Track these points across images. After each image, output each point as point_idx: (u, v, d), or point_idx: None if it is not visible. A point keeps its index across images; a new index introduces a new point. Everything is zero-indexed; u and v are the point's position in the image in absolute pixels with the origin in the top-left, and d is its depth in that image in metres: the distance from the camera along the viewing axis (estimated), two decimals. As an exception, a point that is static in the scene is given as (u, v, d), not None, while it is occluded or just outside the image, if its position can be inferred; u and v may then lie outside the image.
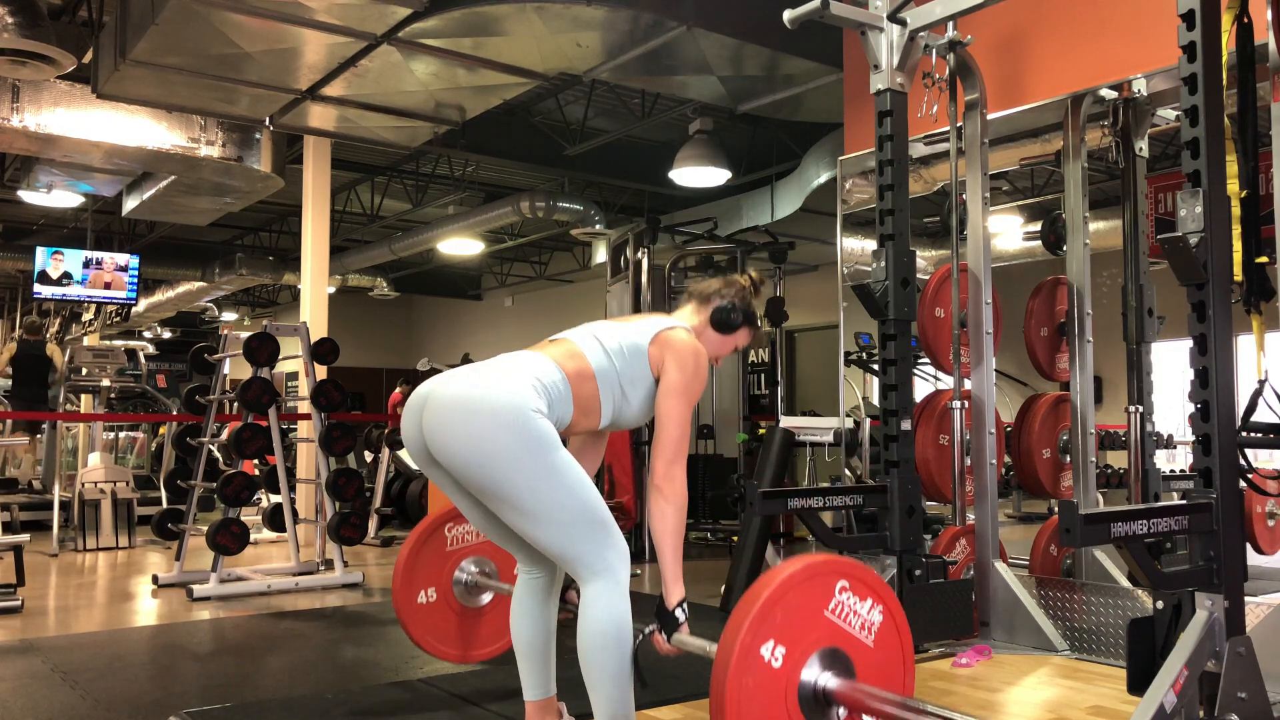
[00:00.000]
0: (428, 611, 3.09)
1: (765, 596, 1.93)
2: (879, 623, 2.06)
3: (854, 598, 2.04)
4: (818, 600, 2.00)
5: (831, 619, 2.01)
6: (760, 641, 1.92)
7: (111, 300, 11.10)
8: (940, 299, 4.16)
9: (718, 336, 2.60)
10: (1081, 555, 4.08)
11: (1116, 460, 5.85)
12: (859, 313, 3.94)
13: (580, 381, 2.36)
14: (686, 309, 2.64)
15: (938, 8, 3.59)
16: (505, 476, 2.20)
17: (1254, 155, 2.94)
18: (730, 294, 2.60)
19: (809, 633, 1.98)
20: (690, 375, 2.39)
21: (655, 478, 2.31)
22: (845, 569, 2.04)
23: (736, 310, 2.59)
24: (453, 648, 3.14)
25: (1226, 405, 2.42)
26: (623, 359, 2.40)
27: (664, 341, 2.42)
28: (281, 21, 5.28)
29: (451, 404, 2.24)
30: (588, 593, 2.26)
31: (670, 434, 2.34)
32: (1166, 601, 2.41)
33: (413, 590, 3.07)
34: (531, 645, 2.52)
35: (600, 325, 2.51)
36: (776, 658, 1.93)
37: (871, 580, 2.07)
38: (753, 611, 1.92)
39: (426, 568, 3.10)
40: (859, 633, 2.04)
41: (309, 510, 7.49)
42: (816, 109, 6.66)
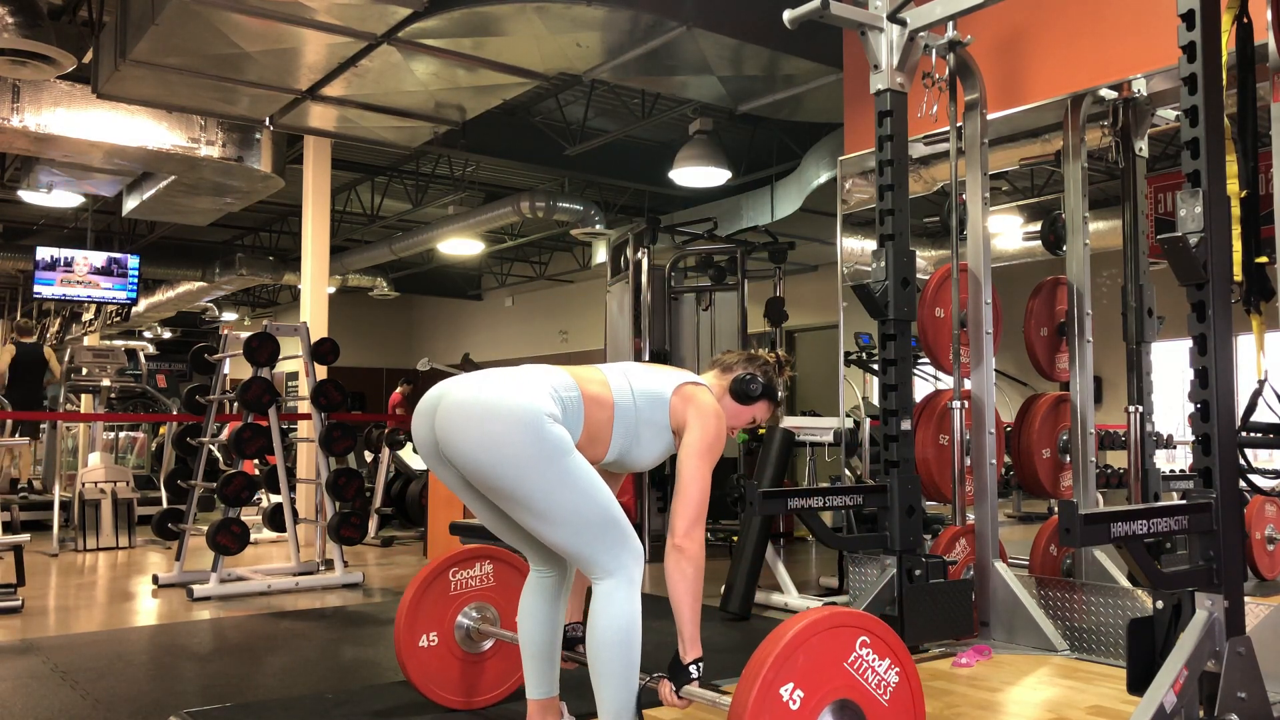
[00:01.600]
0: (429, 655, 3.07)
1: (789, 638, 1.95)
2: (895, 684, 2.07)
3: (874, 655, 2.05)
4: (839, 651, 2.02)
5: (850, 672, 2.03)
6: (781, 682, 1.94)
7: (111, 300, 11.11)
8: (940, 299, 4.16)
9: (735, 406, 2.62)
10: (1081, 555, 4.08)
11: (1116, 460, 5.85)
12: (859, 313, 3.94)
13: (595, 406, 2.37)
14: (709, 374, 2.67)
15: (938, 8, 3.59)
16: (519, 478, 2.20)
17: (1254, 155, 2.95)
18: (753, 368, 2.64)
19: (827, 681, 2.00)
20: (713, 436, 2.41)
21: (676, 537, 2.31)
22: (868, 625, 2.06)
23: (757, 383, 2.61)
24: (454, 694, 3.11)
25: (1226, 405, 2.42)
26: (645, 399, 2.43)
27: (688, 396, 2.45)
28: (281, 21, 5.28)
29: (466, 406, 2.25)
30: (600, 590, 2.27)
31: (692, 495, 2.35)
32: (1166, 601, 2.41)
33: (415, 635, 3.05)
34: (538, 645, 2.52)
35: (631, 365, 2.54)
36: (794, 700, 1.95)
37: (892, 641, 2.09)
38: (776, 650, 1.94)
39: (430, 611, 3.07)
40: (875, 690, 2.05)
41: (309, 510, 7.48)
42: (816, 109, 6.66)
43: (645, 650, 2.33)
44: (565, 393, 2.32)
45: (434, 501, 6.91)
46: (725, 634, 4.35)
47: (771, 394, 2.65)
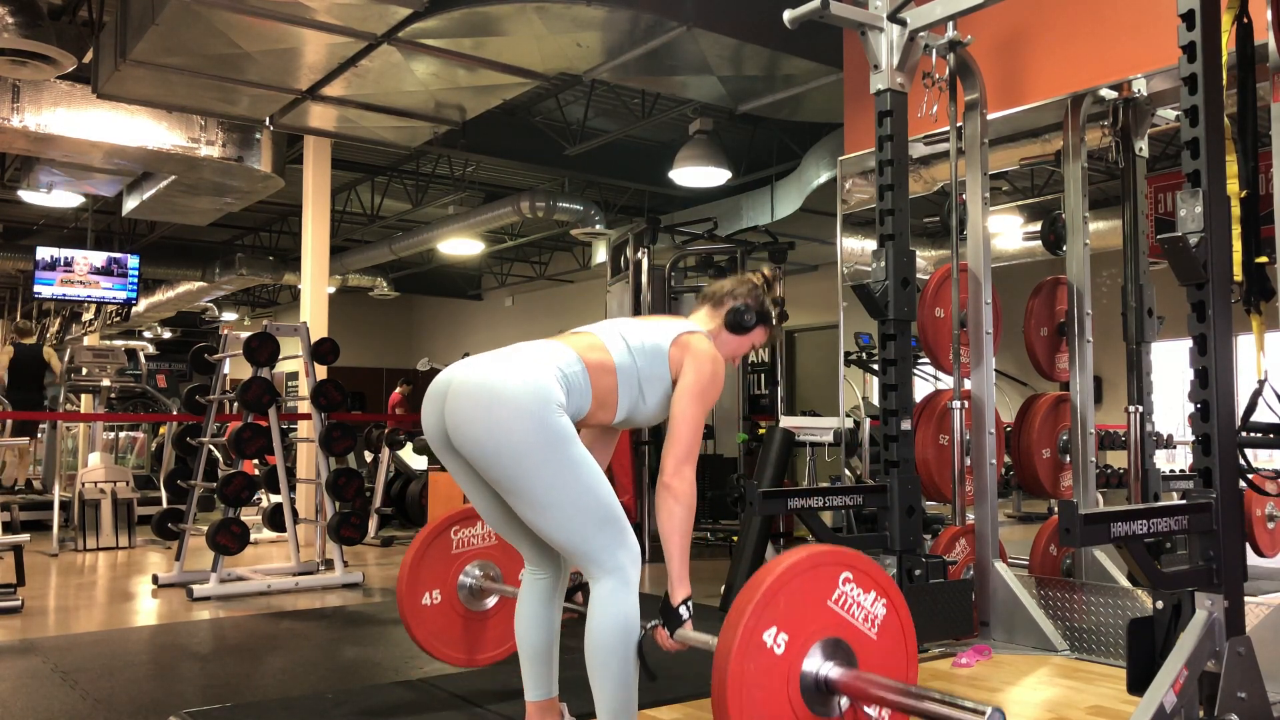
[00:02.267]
0: (432, 614, 3.08)
1: (769, 583, 1.93)
2: (882, 616, 2.06)
3: (857, 589, 2.03)
4: (821, 590, 2.00)
5: (835, 609, 2.01)
6: (763, 627, 1.92)
7: (111, 300, 11.11)
8: (940, 299, 4.15)
9: (733, 338, 2.61)
10: (1081, 555, 4.08)
11: (1116, 460, 5.84)
12: (859, 313, 3.94)
13: (600, 374, 2.37)
14: (701, 312, 2.65)
15: (938, 8, 3.59)
16: (522, 468, 2.21)
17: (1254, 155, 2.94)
18: (743, 294, 2.61)
19: (812, 622, 1.98)
20: (707, 380, 2.41)
21: (665, 476, 2.31)
22: (849, 560, 2.04)
23: (749, 310, 2.59)
24: (458, 651, 3.12)
25: (1226, 405, 2.42)
26: (644, 357, 2.42)
27: (684, 345, 2.43)
28: (281, 21, 5.28)
29: (474, 392, 2.25)
30: (598, 591, 2.26)
31: (683, 434, 2.35)
32: (1166, 601, 2.41)
33: (417, 592, 3.06)
34: (535, 646, 2.52)
35: (624, 322, 2.52)
36: (779, 644, 1.93)
37: (875, 573, 2.07)
38: (756, 597, 1.92)
39: (432, 569, 3.09)
40: (862, 625, 2.04)
41: (309, 510, 7.49)
42: (816, 109, 6.66)
43: (645, 650, 2.32)
44: (570, 369, 2.32)
45: (434, 501, 6.92)
46: (725, 634, 4.35)
47: (766, 318, 2.63)
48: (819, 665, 1.98)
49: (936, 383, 4.80)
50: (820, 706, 1.99)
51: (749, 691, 1.90)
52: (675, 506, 2.29)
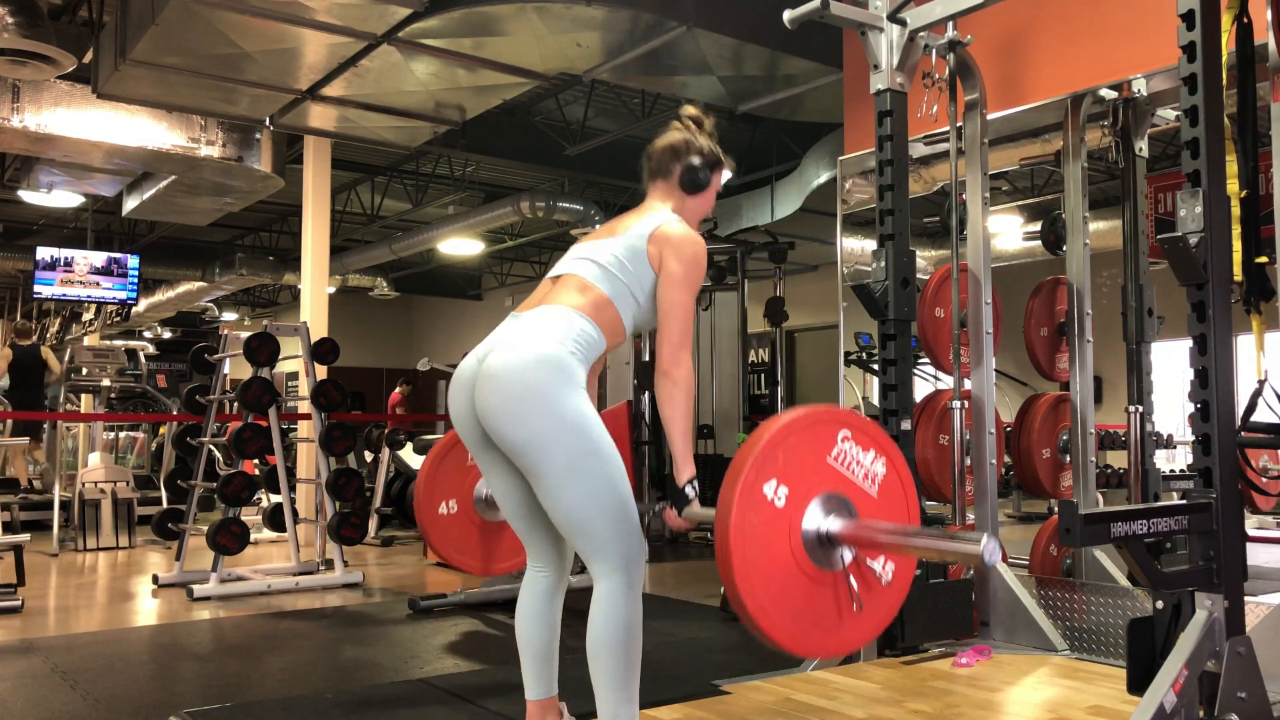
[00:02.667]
0: (449, 522, 3.14)
1: (767, 438, 1.95)
2: (882, 474, 2.07)
3: (857, 448, 2.04)
4: (820, 447, 2.01)
5: (834, 466, 2.02)
6: (763, 480, 1.93)
7: (111, 300, 11.11)
8: (940, 299, 4.15)
9: (696, 200, 2.56)
10: (1081, 555, 4.08)
11: (1116, 460, 5.85)
12: (859, 313, 3.94)
13: (601, 313, 2.37)
14: (656, 194, 2.58)
15: (938, 8, 3.59)
16: (548, 458, 2.22)
17: (1254, 155, 2.94)
18: (685, 150, 2.55)
19: (811, 477, 1.99)
20: (690, 264, 2.38)
21: (662, 364, 2.31)
22: (847, 419, 2.05)
23: (702, 165, 2.53)
24: (474, 559, 3.18)
25: (1226, 405, 2.42)
26: (624, 269, 2.40)
27: (661, 238, 2.40)
28: (281, 21, 5.28)
29: (500, 381, 2.25)
30: (601, 589, 2.26)
31: (675, 324, 2.35)
32: (1166, 601, 2.41)
33: (434, 502, 3.12)
34: (536, 645, 2.52)
35: (590, 245, 2.47)
36: (779, 497, 1.95)
37: (874, 432, 2.07)
38: (755, 452, 1.93)
39: (447, 480, 3.14)
40: (862, 482, 2.05)
41: (309, 510, 7.49)
42: (816, 109, 6.67)
43: (646, 650, 2.33)
44: (584, 334, 2.32)
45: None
46: (725, 634, 4.35)
47: (717, 162, 2.57)
48: (820, 518, 1.99)
49: (936, 383, 4.80)
50: (823, 560, 2.00)
51: (751, 544, 1.91)
52: (675, 391, 2.28)
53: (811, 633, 2.03)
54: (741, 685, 3.13)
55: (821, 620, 2.04)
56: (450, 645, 4.31)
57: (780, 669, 3.35)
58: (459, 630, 4.61)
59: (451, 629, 4.63)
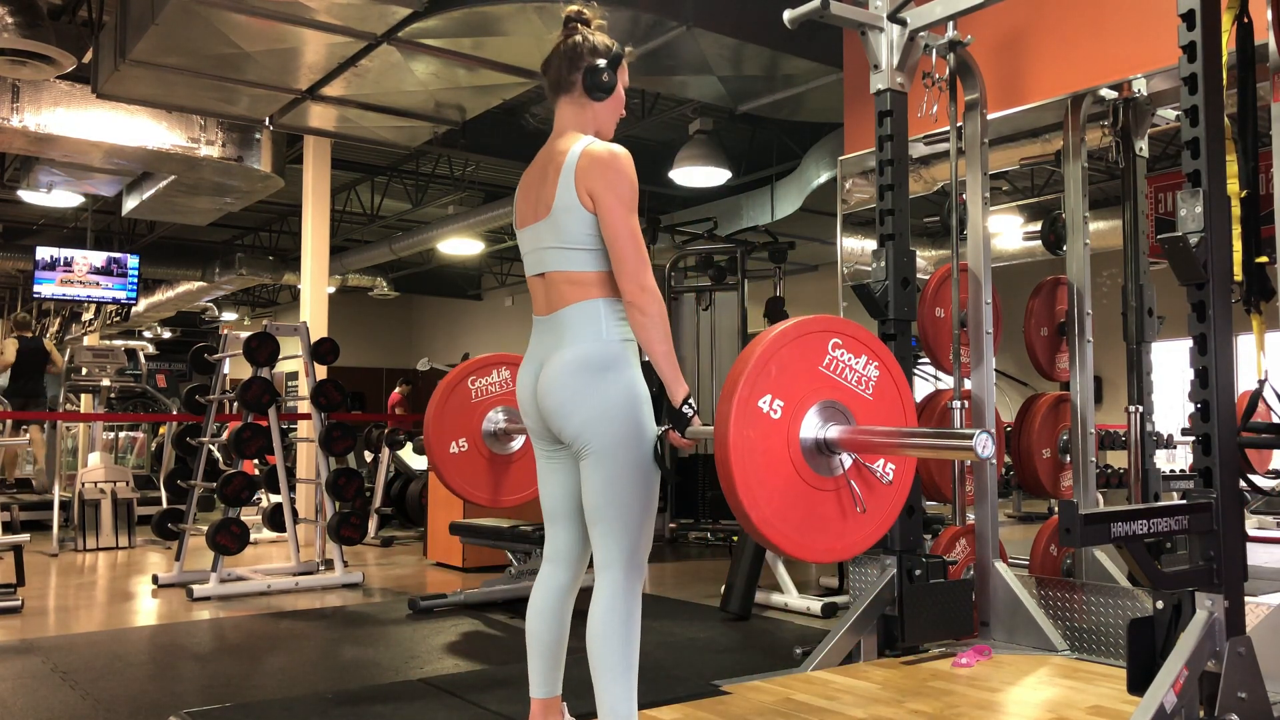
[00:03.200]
0: (459, 460, 3.21)
1: (758, 354, 1.98)
2: (875, 377, 2.10)
3: (848, 354, 2.08)
4: (811, 357, 2.05)
5: (827, 374, 2.06)
6: (758, 395, 1.96)
7: (111, 300, 11.11)
8: (940, 299, 4.15)
9: (608, 103, 2.41)
10: (1081, 555, 4.08)
11: (1116, 460, 5.85)
12: (859, 313, 3.93)
13: (605, 285, 2.32)
14: (565, 113, 2.39)
15: (938, 8, 3.59)
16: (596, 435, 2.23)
17: (1254, 155, 2.95)
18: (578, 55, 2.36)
19: (805, 387, 2.03)
20: (622, 187, 2.28)
21: (628, 296, 2.23)
22: (837, 326, 2.08)
23: (600, 67, 2.33)
24: (484, 491, 3.25)
25: (1226, 405, 2.42)
26: (582, 235, 2.31)
27: (584, 174, 2.28)
28: (281, 21, 5.28)
29: (559, 379, 2.27)
30: (603, 581, 2.26)
31: (628, 250, 2.26)
32: (1166, 601, 2.41)
33: (445, 441, 3.18)
34: (545, 641, 2.51)
35: (541, 230, 2.36)
36: (775, 410, 1.98)
37: (864, 336, 2.10)
38: (746, 369, 1.97)
39: (455, 419, 3.21)
40: (856, 387, 2.08)
41: (309, 510, 7.49)
42: (816, 109, 6.66)
43: (646, 650, 2.33)
44: (608, 312, 2.30)
45: (434, 501, 6.92)
46: (725, 634, 4.35)
47: (616, 58, 2.36)
48: (817, 427, 2.03)
49: (936, 383, 4.80)
50: (824, 467, 2.04)
51: (751, 458, 1.95)
52: (646, 319, 2.22)
53: (818, 538, 2.08)
54: (741, 685, 3.13)
55: (827, 525, 2.09)
56: (450, 645, 4.31)
57: (780, 669, 3.35)
58: (459, 630, 4.61)
59: (451, 629, 4.63)
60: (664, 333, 2.25)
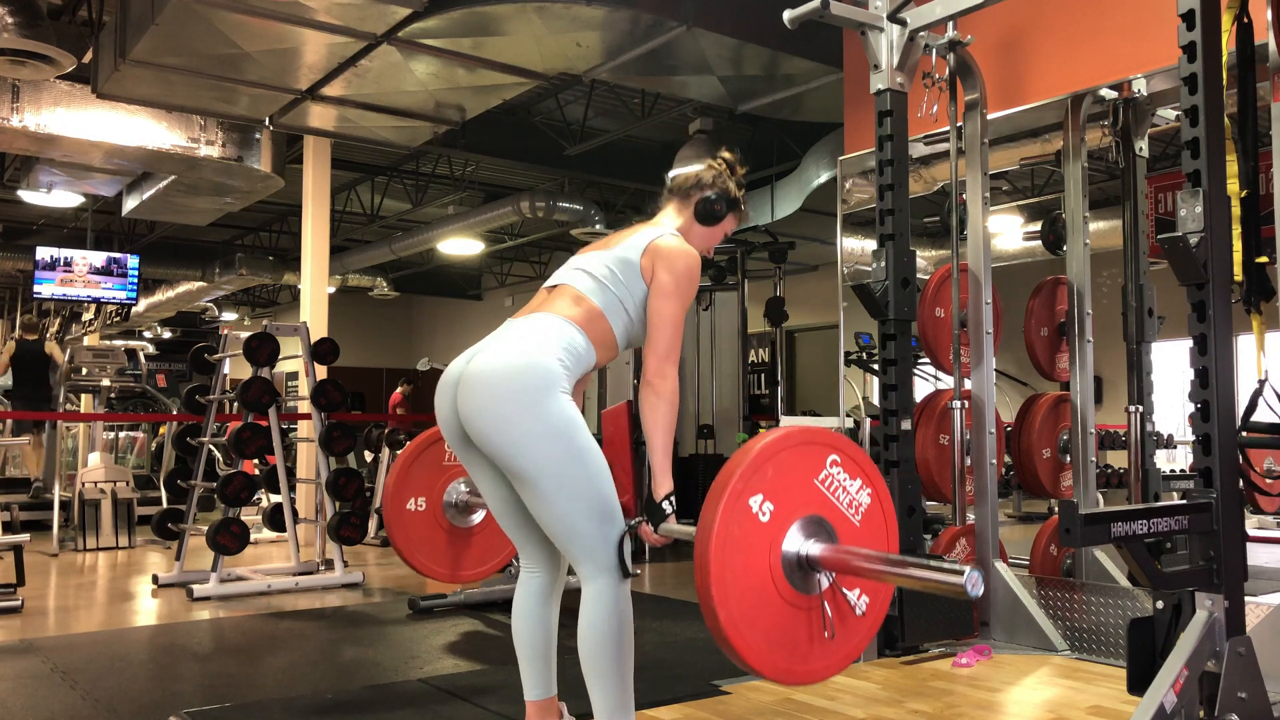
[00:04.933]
0: (414, 519, 3.07)
1: (758, 451, 1.93)
2: (866, 504, 2.06)
3: (844, 474, 2.04)
4: (809, 468, 2.00)
5: (820, 489, 2.01)
6: (750, 492, 1.92)
7: (111, 300, 11.11)
8: (940, 299, 4.15)
9: (705, 230, 2.59)
10: (1081, 555, 4.08)
11: (1116, 460, 5.85)
12: (859, 313, 3.94)
13: (593, 325, 2.37)
14: (669, 209, 2.62)
15: (938, 8, 3.59)
16: (530, 459, 2.22)
17: (1254, 155, 2.94)
18: (709, 183, 2.58)
19: (797, 496, 1.98)
20: (681, 276, 2.39)
21: (648, 374, 2.31)
22: (838, 444, 2.04)
23: (719, 199, 2.57)
24: (439, 565, 3.13)
25: (1226, 405, 2.42)
26: (617, 282, 2.41)
27: (654, 251, 2.42)
28: (281, 21, 5.28)
29: (483, 385, 2.26)
30: (590, 590, 2.26)
31: (664, 333, 2.35)
32: (1166, 601, 2.41)
33: (403, 495, 3.06)
34: (533, 645, 2.52)
35: (586, 257, 2.49)
36: (764, 512, 1.93)
37: (862, 460, 2.07)
38: (745, 461, 1.92)
39: (420, 476, 3.09)
40: (846, 510, 2.04)
41: (309, 510, 7.49)
42: (816, 109, 6.66)
43: (646, 650, 2.32)
44: (573, 344, 2.32)
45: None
46: (725, 634, 4.35)
47: (735, 204, 2.61)
48: (801, 541, 1.98)
49: (936, 383, 4.80)
50: (800, 582, 1.99)
51: (732, 556, 1.89)
52: (658, 402, 2.29)
53: (780, 656, 1.99)
54: (741, 685, 3.13)
55: (794, 644, 2.00)
56: (450, 645, 4.31)
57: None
58: (459, 630, 4.61)
59: (451, 629, 4.63)
60: (670, 423, 2.31)
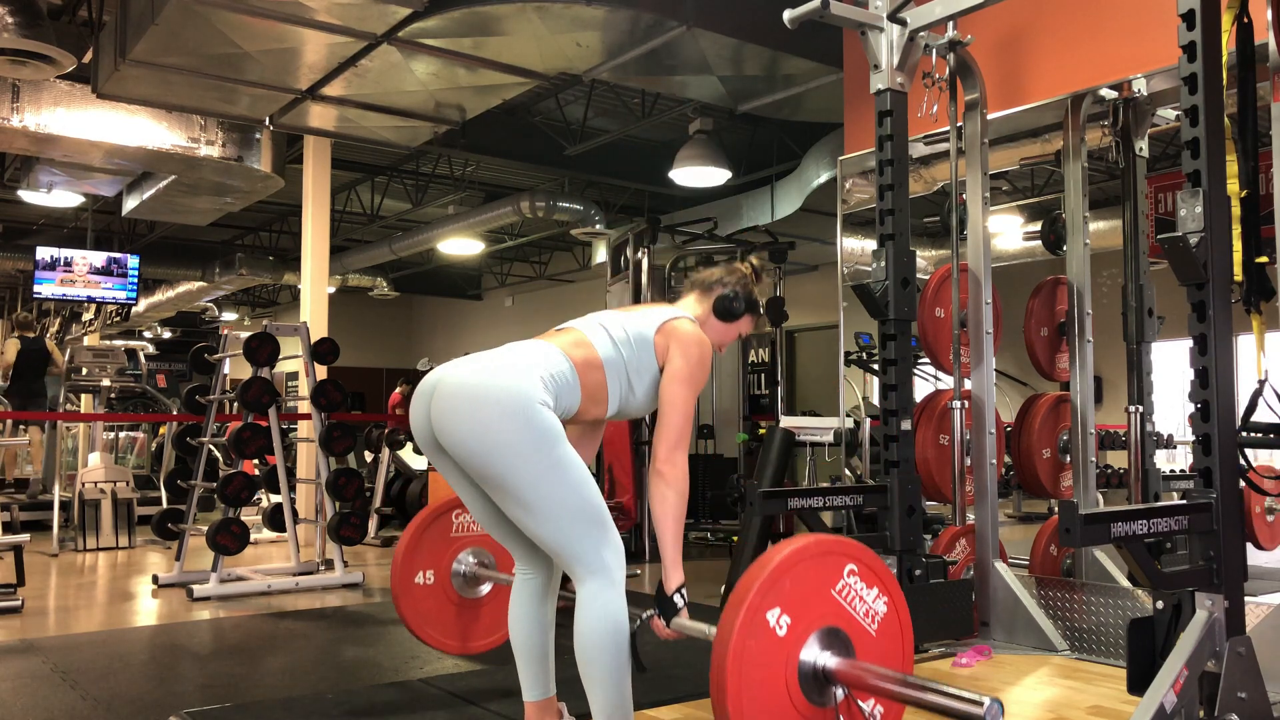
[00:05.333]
0: (423, 593, 3.07)
1: (776, 563, 1.93)
2: (883, 613, 2.05)
3: (861, 583, 2.03)
4: (826, 578, 2.00)
5: (838, 599, 2.01)
6: (768, 606, 1.91)
7: (112, 300, 11.11)
8: (940, 299, 4.15)
9: (721, 325, 2.62)
10: (1081, 555, 4.08)
11: (1116, 460, 5.84)
12: (859, 313, 3.94)
13: (588, 370, 2.37)
14: (689, 298, 2.65)
15: (938, 8, 3.59)
16: (509, 467, 2.21)
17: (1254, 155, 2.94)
18: (732, 282, 2.62)
19: (815, 608, 1.97)
20: (695, 364, 2.41)
21: (657, 462, 2.32)
22: (855, 552, 2.03)
23: (739, 298, 2.60)
24: (448, 637, 3.12)
25: (1226, 405, 2.42)
26: (629, 348, 2.42)
27: (669, 331, 2.44)
28: (281, 21, 5.28)
29: (459, 393, 2.25)
30: (584, 592, 2.26)
31: (674, 420, 2.35)
32: (1166, 601, 2.41)
33: (411, 569, 3.06)
34: (530, 646, 2.52)
35: (607, 315, 2.52)
36: (781, 625, 1.93)
37: (880, 569, 2.06)
38: (763, 575, 1.91)
39: (429, 549, 3.10)
40: (863, 619, 2.03)
41: (309, 510, 7.48)
42: (816, 109, 6.66)
43: (645, 650, 2.32)
44: (556, 370, 2.32)
45: (434, 501, 6.91)
46: (725, 634, 4.35)
47: (754, 307, 2.64)
48: (818, 653, 1.97)
49: (936, 383, 4.80)
50: (816, 695, 1.98)
51: (748, 670, 1.89)
52: (668, 492, 2.29)
53: None
54: (741, 685, 3.12)
55: None
56: (450, 645, 4.31)
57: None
58: (459, 630, 4.61)
59: (451, 629, 4.63)
60: (680, 513, 2.30)
